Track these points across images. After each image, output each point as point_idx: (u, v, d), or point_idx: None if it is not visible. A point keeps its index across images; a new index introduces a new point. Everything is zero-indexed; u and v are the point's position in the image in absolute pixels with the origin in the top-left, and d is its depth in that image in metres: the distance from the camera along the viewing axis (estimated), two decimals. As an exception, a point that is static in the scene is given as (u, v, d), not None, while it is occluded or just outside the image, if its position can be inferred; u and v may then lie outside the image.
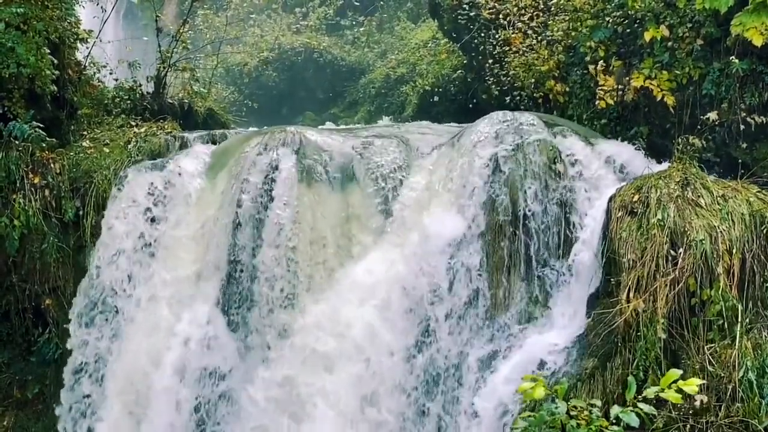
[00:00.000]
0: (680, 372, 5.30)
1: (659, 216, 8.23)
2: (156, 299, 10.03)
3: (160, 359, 9.74)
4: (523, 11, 13.07)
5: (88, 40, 12.34)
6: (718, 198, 8.43)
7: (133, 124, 11.97)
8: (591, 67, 10.97)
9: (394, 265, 9.56)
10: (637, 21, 10.71)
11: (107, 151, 10.95)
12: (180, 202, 10.37)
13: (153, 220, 10.27)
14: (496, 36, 13.54)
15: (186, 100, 13.99)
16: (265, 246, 9.79)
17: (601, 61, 10.81)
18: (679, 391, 5.24)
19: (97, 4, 13.63)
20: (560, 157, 9.41)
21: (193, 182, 10.51)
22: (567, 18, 11.91)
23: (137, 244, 10.20)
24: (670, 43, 10.12)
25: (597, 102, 10.71)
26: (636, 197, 8.61)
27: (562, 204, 9.27)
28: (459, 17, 14.62)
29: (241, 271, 9.87)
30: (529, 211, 9.30)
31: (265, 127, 11.70)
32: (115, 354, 9.97)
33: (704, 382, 7.28)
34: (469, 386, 9.12)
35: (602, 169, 9.42)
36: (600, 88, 10.71)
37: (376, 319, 9.45)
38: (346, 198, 10.05)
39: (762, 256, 8.10)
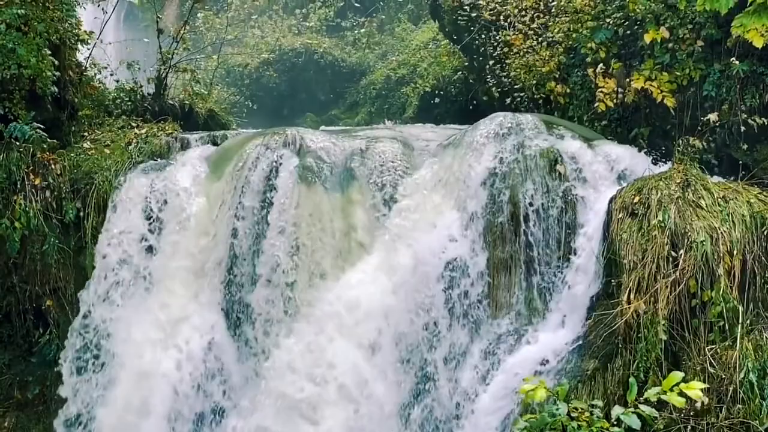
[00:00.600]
0: (682, 374, 5.30)
1: (660, 217, 8.23)
2: (151, 341, 9.64)
3: (152, 407, 9.37)
4: (523, 12, 13.06)
5: (89, 41, 12.34)
6: (719, 199, 8.43)
7: (134, 125, 11.96)
8: (590, 71, 10.97)
9: (384, 296, 9.07)
10: (638, 22, 10.71)
11: (108, 152, 10.95)
12: (176, 228, 10.07)
13: (150, 249, 10.06)
14: (497, 37, 13.52)
15: (187, 102, 13.97)
16: (260, 284, 9.49)
17: (601, 63, 10.82)
18: (682, 394, 5.24)
19: (98, 6, 13.62)
20: (561, 160, 9.40)
21: (191, 202, 10.16)
22: (567, 19, 11.90)
23: (132, 277, 9.97)
24: (670, 45, 10.12)
25: (596, 104, 10.71)
26: (637, 198, 8.62)
27: (564, 207, 9.25)
28: (459, 18, 14.61)
29: (239, 311, 9.65)
30: (531, 231, 9.20)
31: (269, 130, 11.61)
32: (108, 402, 9.59)
33: (706, 386, 7.28)
34: (466, 415, 8.89)
35: (603, 171, 9.41)
36: (599, 90, 10.71)
37: (361, 361, 8.86)
38: (347, 219, 9.68)
39: (763, 258, 8.10)
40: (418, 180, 9.79)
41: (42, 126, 10.34)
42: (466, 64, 15.88)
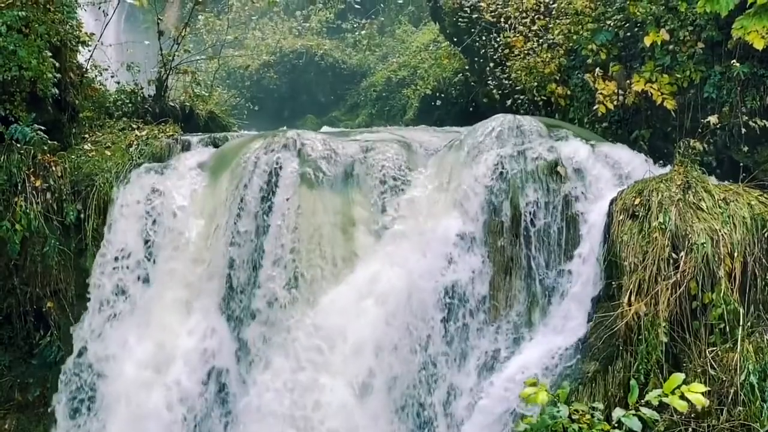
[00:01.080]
0: (683, 376, 5.29)
1: (661, 219, 8.23)
2: (145, 383, 9.25)
3: None
4: (524, 14, 13.07)
5: (90, 43, 12.34)
6: (720, 201, 8.43)
7: (135, 127, 11.94)
8: (587, 76, 10.97)
9: (376, 330, 8.50)
10: (638, 24, 10.72)
11: (109, 154, 10.94)
12: (172, 254, 9.80)
13: (146, 278, 9.84)
14: (498, 39, 13.54)
15: (187, 103, 13.95)
16: (256, 321, 9.07)
17: (598, 68, 10.82)
18: (683, 397, 5.22)
19: (99, 8, 13.62)
20: (562, 162, 9.38)
21: (189, 225, 9.86)
22: (568, 21, 11.92)
23: (128, 309, 9.72)
24: (671, 47, 10.13)
25: (596, 107, 10.72)
26: (637, 200, 8.61)
27: (565, 209, 9.21)
28: (460, 20, 14.61)
29: (240, 348, 9.28)
30: (533, 255, 9.06)
31: (269, 132, 11.47)
32: None
33: (707, 388, 7.27)
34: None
35: (604, 173, 9.40)
36: (599, 92, 10.71)
37: (351, 400, 8.16)
38: (349, 243, 9.25)
39: (763, 260, 8.09)
40: (414, 200, 9.42)
41: (43, 128, 10.33)
42: (467, 66, 15.87)
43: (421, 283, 8.84)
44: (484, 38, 14.04)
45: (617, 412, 5.46)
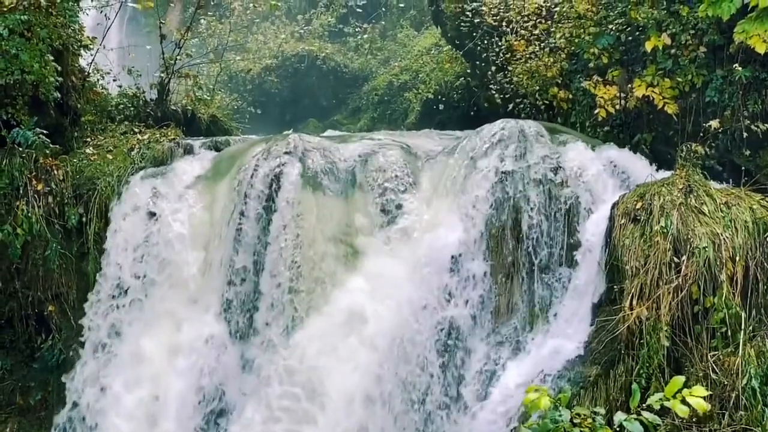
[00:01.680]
0: (684, 378, 5.28)
1: (662, 223, 8.22)
2: None
3: None
4: (526, 18, 13.07)
5: (92, 46, 12.36)
6: (721, 205, 8.42)
7: (137, 130, 11.98)
8: (586, 83, 10.96)
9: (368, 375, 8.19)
10: (640, 28, 10.71)
11: (110, 157, 10.98)
12: (168, 294, 9.63)
13: (140, 321, 9.63)
14: (499, 43, 13.54)
15: (189, 107, 13.97)
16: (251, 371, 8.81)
17: (596, 75, 10.81)
18: (684, 402, 5.21)
19: (101, 12, 13.64)
20: (563, 166, 9.35)
21: (188, 258, 9.60)
22: (570, 25, 11.91)
23: (121, 350, 9.51)
24: (672, 50, 10.12)
25: (597, 111, 10.71)
26: (639, 204, 8.60)
27: (566, 213, 9.17)
28: (462, 24, 14.62)
29: (243, 397, 8.92)
30: (535, 283, 8.97)
31: (271, 137, 11.39)
32: None
33: (709, 392, 7.26)
34: None
35: (605, 177, 9.38)
36: (600, 97, 10.70)
37: None
38: (351, 275, 8.96)
39: (765, 264, 8.08)
40: (413, 228, 9.21)
41: (45, 131, 10.35)
42: (469, 70, 15.85)
43: (413, 321, 8.61)
44: (485, 42, 14.03)
45: (619, 416, 5.44)
